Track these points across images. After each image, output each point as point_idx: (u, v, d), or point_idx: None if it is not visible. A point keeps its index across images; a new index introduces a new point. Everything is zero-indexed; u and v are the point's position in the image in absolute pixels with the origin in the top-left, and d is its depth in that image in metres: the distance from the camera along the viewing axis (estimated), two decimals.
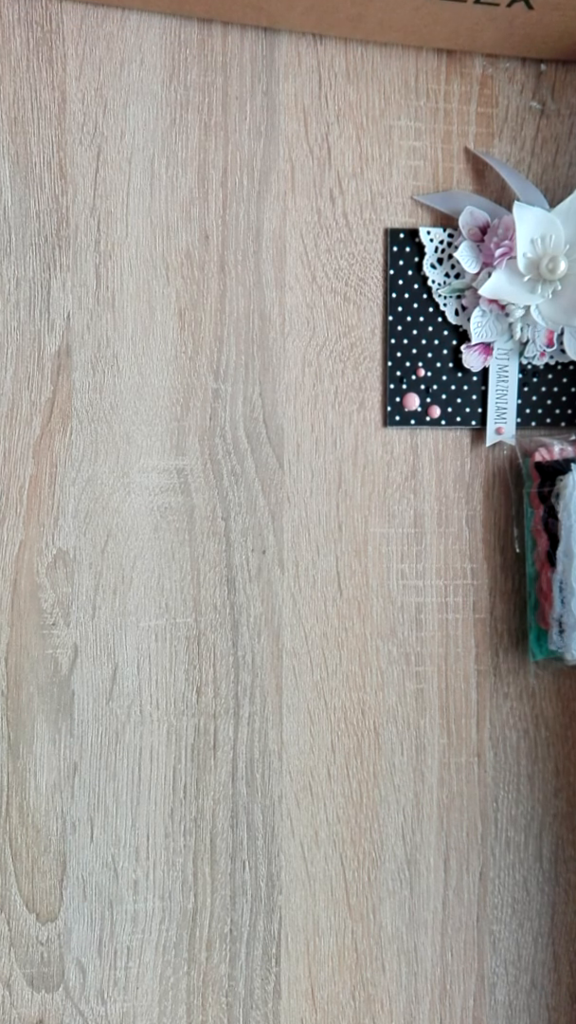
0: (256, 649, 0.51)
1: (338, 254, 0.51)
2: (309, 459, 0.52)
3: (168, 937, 0.51)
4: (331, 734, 0.52)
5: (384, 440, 0.52)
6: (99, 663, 0.50)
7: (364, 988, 0.53)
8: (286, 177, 0.50)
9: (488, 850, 0.54)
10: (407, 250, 0.52)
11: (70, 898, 0.50)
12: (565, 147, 0.53)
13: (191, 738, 0.51)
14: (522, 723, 0.54)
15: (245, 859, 0.52)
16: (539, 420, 0.53)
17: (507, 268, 0.50)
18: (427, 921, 0.54)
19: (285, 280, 0.51)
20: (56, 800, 0.49)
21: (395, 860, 0.53)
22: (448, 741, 0.54)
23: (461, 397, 0.52)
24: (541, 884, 0.55)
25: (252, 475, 0.51)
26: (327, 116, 0.50)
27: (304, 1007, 0.53)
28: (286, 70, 0.50)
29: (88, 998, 0.50)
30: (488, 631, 0.54)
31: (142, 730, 0.50)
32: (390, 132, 0.51)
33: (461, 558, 0.54)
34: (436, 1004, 0.54)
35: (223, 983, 0.52)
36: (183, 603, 0.50)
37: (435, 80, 0.52)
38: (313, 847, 0.52)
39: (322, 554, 0.52)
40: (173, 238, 0.49)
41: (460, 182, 0.52)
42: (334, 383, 0.52)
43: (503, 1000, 0.55)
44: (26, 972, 0.50)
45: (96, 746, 0.50)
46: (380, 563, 0.53)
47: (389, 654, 0.53)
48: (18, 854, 0.49)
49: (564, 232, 0.50)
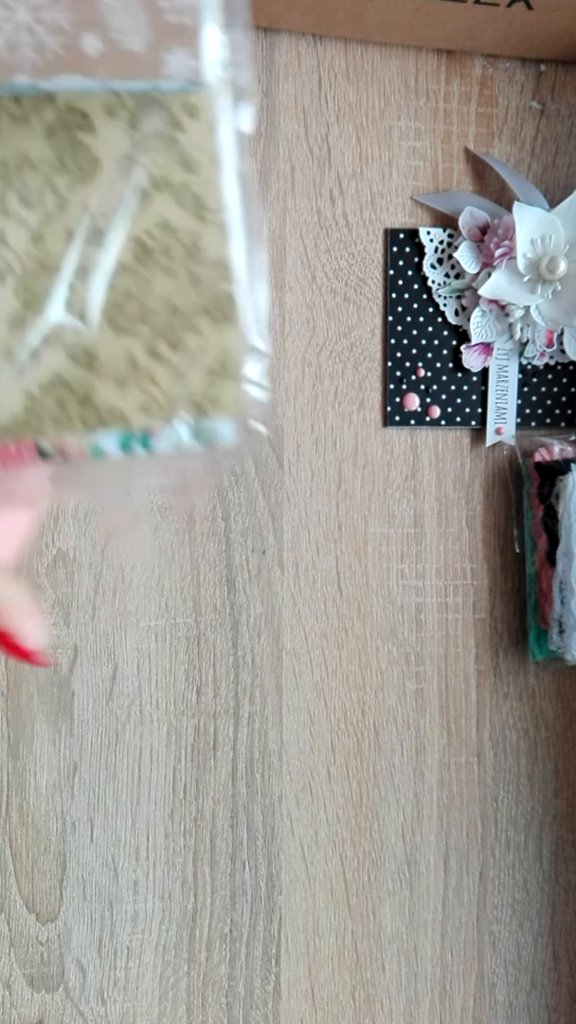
0: (256, 649, 0.51)
1: (338, 254, 0.51)
2: (309, 459, 0.52)
3: (168, 937, 0.51)
4: (331, 734, 0.52)
5: (384, 440, 0.52)
6: (99, 663, 0.50)
7: (364, 988, 0.53)
8: (286, 177, 0.50)
9: (488, 850, 0.54)
10: (407, 250, 0.52)
11: (70, 898, 0.50)
12: (565, 147, 0.53)
13: (191, 738, 0.51)
14: (522, 723, 0.54)
15: (245, 859, 0.52)
16: (539, 420, 0.53)
17: (507, 268, 0.50)
18: (427, 921, 0.54)
19: (285, 280, 0.51)
20: (56, 800, 0.49)
21: (395, 860, 0.53)
22: (448, 741, 0.54)
23: (461, 397, 0.52)
24: (541, 884, 0.55)
25: (252, 475, 0.51)
26: (327, 116, 0.50)
27: (304, 1007, 0.53)
28: (286, 70, 0.50)
29: (88, 998, 0.50)
30: (488, 631, 0.54)
31: (142, 730, 0.50)
32: (390, 132, 0.51)
33: (461, 558, 0.54)
34: (436, 1004, 0.54)
35: (223, 983, 0.52)
36: (183, 603, 0.50)
37: (435, 80, 0.52)
38: (313, 847, 0.52)
39: (322, 554, 0.52)
40: None
41: (460, 182, 0.52)
42: (334, 383, 0.52)
43: (503, 1000, 0.55)
44: (26, 972, 0.50)
45: (96, 746, 0.50)
46: (380, 563, 0.53)
47: (389, 654, 0.53)
48: (18, 854, 0.49)
49: (564, 232, 0.50)
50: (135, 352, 0.27)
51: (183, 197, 0.27)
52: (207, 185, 0.27)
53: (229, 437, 0.29)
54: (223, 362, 0.28)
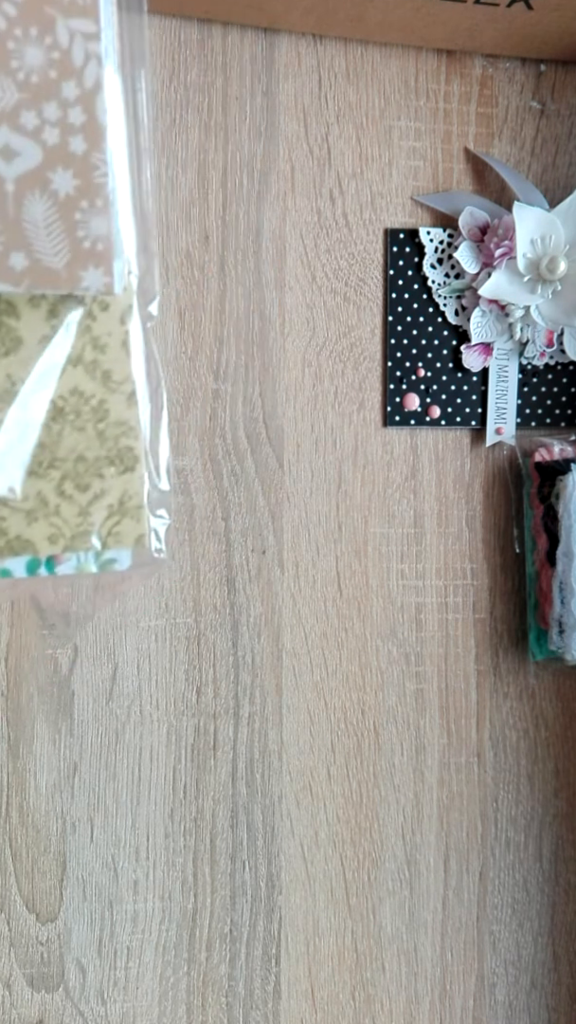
0: (256, 649, 0.51)
1: (338, 254, 0.51)
2: (309, 459, 0.52)
3: (168, 937, 0.51)
4: (331, 734, 0.52)
5: (384, 440, 0.52)
6: (99, 663, 0.50)
7: (364, 988, 0.53)
8: (286, 177, 0.50)
9: (488, 850, 0.54)
10: (407, 250, 0.52)
11: (70, 898, 0.50)
12: (565, 147, 0.53)
13: (191, 738, 0.51)
14: (522, 723, 0.54)
15: (245, 859, 0.52)
16: (539, 420, 0.53)
17: (507, 268, 0.50)
18: (427, 921, 0.54)
19: (285, 280, 0.51)
20: (56, 800, 0.49)
21: (395, 860, 0.53)
22: (448, 741, 0.54)
23: (461, 397, 0.52)
24: (541, 884, 0.55)
25: (252, 475, 0.51)
26: (327, 116, 0.50)
27: (304, 1007, 0.53)
28: (286, 70, 0.50)
29: (88, 998, 0.50)
30: (488, 631, 0.54)
31: (142, 730, 0.50)
32: (390, 132, 0.51)
33: (461, 558, 0.54)
34: (436, 1004, 0.54)
35: (223, 983, 0.52)
36: (183, 603, 0.50)
37: (435, 80, 0.52)
38: (313, 847, 0.52)
39: (322, 554, 0.52)
40: (173, 238, 0.49)
41: (460, 182, 0.52)
42: (334, 383, 0.52)
43: (503, 1000, 0.55)
44: (26, 972, 0.50)
45: (96, 746, 0.50)
46: (380, 563, 0.53)
47: (389, 654, 0.53)
48: (18, 854, 0.49)
49: (564, 232, 0.50)
50: (46, 492, 0.33)
51: (93, 371, 0.34)
52: (115, 362, 0.34)
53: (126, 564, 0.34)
54: (123, 503, 0.34)
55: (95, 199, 0.32)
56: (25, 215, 0.31)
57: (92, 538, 0.34)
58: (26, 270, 0.31)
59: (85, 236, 0.31)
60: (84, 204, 0.31)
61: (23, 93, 0.31)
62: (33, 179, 0.31)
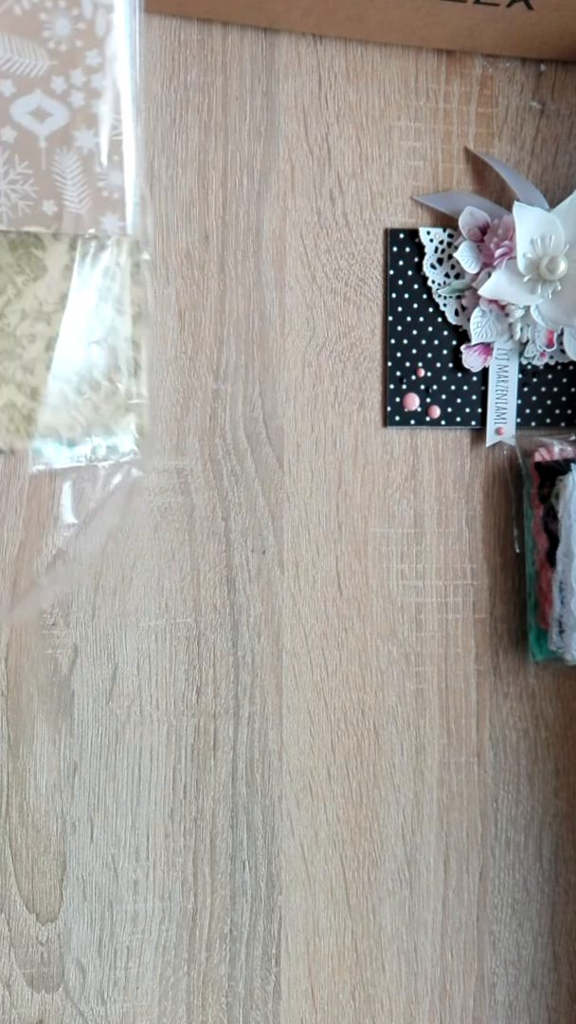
0: (256, 649, 0.51)
1: (338, 254, 0.51)
2: (309, 459, 0.52)
3: (168, 937, 0.51)
4: (331, 734, 0.52)
5: (384, 440, 0.52)
6: (99, 663, 0.50)
7: (364, 988, 0.53)
8: (286, 177, 0.50)
9: (488, 850, 0.54)
10: (407, 250, 0.52)
11: (70, 898, 0.50)
12: (565, 147, 0.53)
13: (191, 738, 0.51)
14: (522, 723, 0.54)
15: (245, 859, 0.52)
16: (539, 420, 0.53)
17: (507, 268, 0.50)
18: (427, 921, 0.54)
19: (285, 280, 0.51)
20: (56, 800, 0.49)
21: (395, 860, 0.53)
22: (448, 741, 0.54)
23: (461, 397, 0.52)
24: (541, 884, 0.55)
25: (252, 475, 0.51)
26: (327, 116, 0.50)
27: (304, 1007, 0.53)
28: (286, 70, 0.50)
29: (88, 998, 0.50)
30: (488, 631, 0.54)
31: (142, 730, 0.50)
32: (390, 132, 0.51)
33: (461, 558, 0.54)
34: (436, 1004, 0.54)
35: (223, 983, 0.52)
36: (183, 603, 0.50)
37: (435, 80, 0.52)
38: (313, 847, 0.52)
39: (322, 554, 0.52)
40: (173, 238, 0.49)
41: (460, 182, 0.52)
42: (334, 383, 0.52)
43: (503, 1000, 0.55)
44: (26, 972, 0.50)
45: (96, 746, 0.50)
46: (380, 563, 0.53)
47: (389, 654, 0.53)
48: (18, 854, 0.49)
49: (564, 232, 0.50)
50: (67, 391, 0.40)
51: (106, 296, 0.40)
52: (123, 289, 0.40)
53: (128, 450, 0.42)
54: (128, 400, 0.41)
55: (113, 155, 0.37)
56: (55, 168, 0.37)
57: (103, 426, 0.41)
58: (56, 215, 0.37)
59: (104, 186, 0.38)
60: (103, 159, 0.37)
61: (54, 60, 0.36)
62: (61, 137, 0.37)
